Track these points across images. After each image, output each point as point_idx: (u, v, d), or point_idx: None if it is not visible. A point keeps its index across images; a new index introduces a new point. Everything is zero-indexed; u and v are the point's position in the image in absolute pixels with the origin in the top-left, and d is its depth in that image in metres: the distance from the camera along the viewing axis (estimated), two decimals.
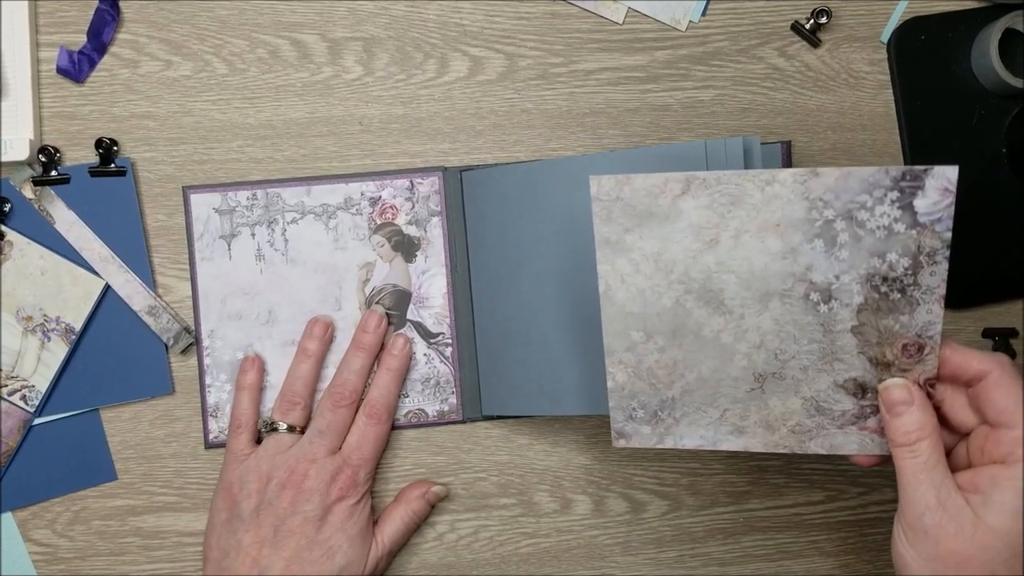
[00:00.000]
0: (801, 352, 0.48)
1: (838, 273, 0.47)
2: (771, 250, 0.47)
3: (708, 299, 0.48)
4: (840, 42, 0.65)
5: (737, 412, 0.50)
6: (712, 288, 0.48)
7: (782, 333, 0.48)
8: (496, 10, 0.64)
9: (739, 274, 0.47)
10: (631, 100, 0.65)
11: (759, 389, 0.49)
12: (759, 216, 0.46)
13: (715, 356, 0.49)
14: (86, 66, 0.62)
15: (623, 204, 0.48)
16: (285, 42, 0.63)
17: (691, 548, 0.65)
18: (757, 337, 0.48)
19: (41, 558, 0.62)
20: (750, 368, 0.49)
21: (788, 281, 0.47)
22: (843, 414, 0.49)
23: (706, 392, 0.50)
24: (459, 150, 0.64)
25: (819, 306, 0.47)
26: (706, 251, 0.47)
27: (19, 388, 0.61)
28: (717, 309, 0.48)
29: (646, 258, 0.48)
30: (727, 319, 0.48)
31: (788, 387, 0.49)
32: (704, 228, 0.47)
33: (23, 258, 0.61)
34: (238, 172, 0.63)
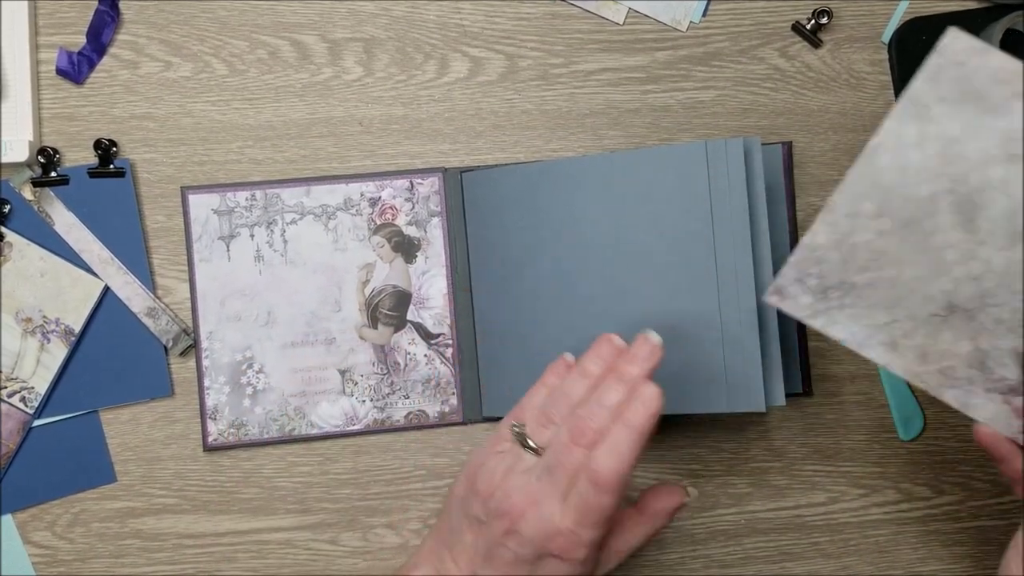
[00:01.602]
0: (1009, 305, 0.46)
1: None
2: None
3: (964, 210, 0.45)
4: (841, 42, 0.65)
5: (904, 328, 0.47)
6: (976, 202, 0.44)
7: (1007, 277, 0.45)
8: (496, 11, 0.64)
9: (1013, 201, 0.44)
10: (631, 101, 0.64)
11: (943, 318, 0.47)
12: None
13: (927, 266, 0.46)
14: (85, 67, 0.62)
15: (961, 73, 0.43)
16: (285, 43, 0.63)
17: (692, 550, 0.64)
18: (980, 269, 0.45)
19: (41, 560, 0.61)
20: (949, 294, 0.46)
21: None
22: (1000, 380, 0.47)
23: (891, 295, 0.47)
24: (459, 151, 0.64)
25: None
26: (1001, 163, 0.43)
27: (18, 390, 0.60)
28: (965, 224, 0.45)
29: (939, 137, 0.44)
30: (966, 238, 0.45)
31: (972, 330, 0.46)
32: (1017, 139, 0.43)
33: (23, 260, 0.60)
34: (238, 173, 0.62)
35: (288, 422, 0.62)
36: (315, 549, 0.62)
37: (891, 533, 0.65)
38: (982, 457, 0.66)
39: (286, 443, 0.62)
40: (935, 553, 0.66)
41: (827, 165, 0.65)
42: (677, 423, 0.65)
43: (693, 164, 0.56)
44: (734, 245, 0.55)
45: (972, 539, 0.66)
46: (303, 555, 0.62)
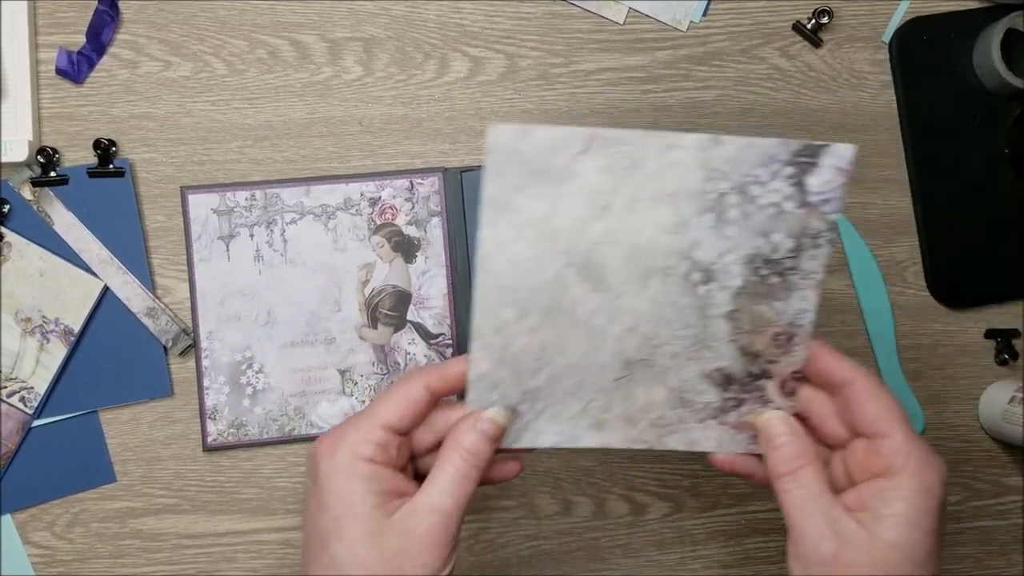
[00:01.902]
0: (674, 337, 0.46)
1: (722, 252, 0.44)
2: (661, 222, 0.44)
3: (589, 274, 0.45)
4: (842, 42, 0.65)
5: (600, 404, 0.48)
6: (595, 261, 0.45)
7: (657, 316, 0.46)
8: (496, 10, 0.64)
9: (625, 247, 0.45)
10: (632, 100, 0.64)
11: (627, 378, 0.47)
12: (655, 183, 0.43)
13: (586, 339, 0.46)
14: (85, 67, 0.62)
15: (520, 159, 0.43)
16: (285, 42, 0.63)
17: (693, 550, 0.64)
18: (632, 320, 0.46)
19: (40, 560, 0.61)
20: (620, 354, 0.46)
21: (672, 258, 0.45)
22: (705, 407, 0.48)
23: (572, 381, 0.47)
24: (459, 151, 0.64)
25: (698, 287, 0.45)
26: (596, 219, 0.44)
27: (18, 390, 0.60)
28: (597, 286, 0.45)
29: (531, 223, 0.44)
30: (605, 298, 0.45)
31: (656, 376, 0.47)
32: (598, 193, 0.44)
33: (22, 259, 0.60)
34: (237, 173, 0.62)
35: (288, 422, 0.62)
36: None
37: None
38: (983, 457, 0.66)
39: (286, 443, 0.62)
40: None
41: None
42: None
43: None
44: None
45: (972, 539, 0.66)
46: None
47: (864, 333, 0.65)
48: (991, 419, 0.65)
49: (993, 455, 0.66)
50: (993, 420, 0.64)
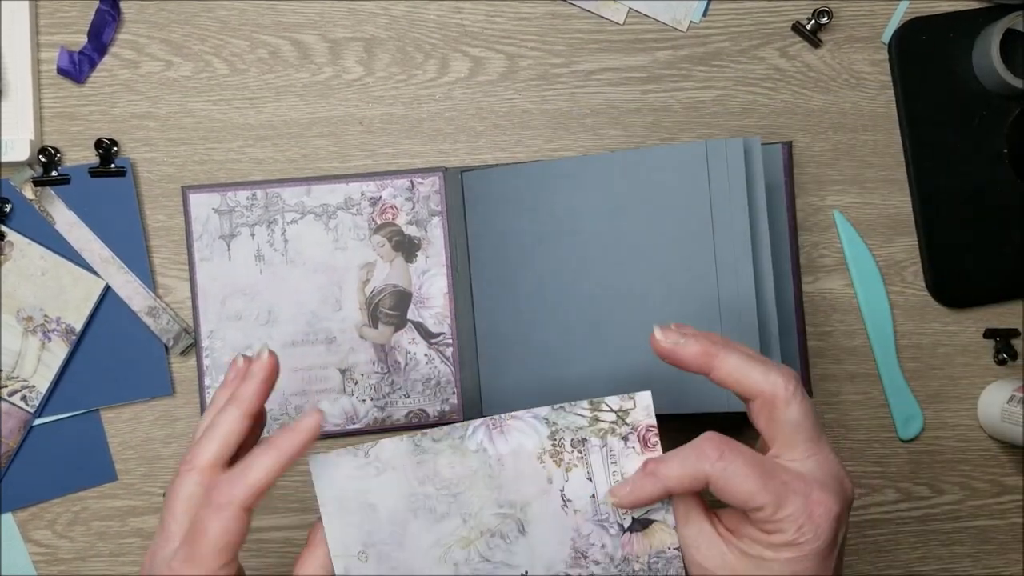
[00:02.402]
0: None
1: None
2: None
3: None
4: (841, 42, 0.65)
5: None
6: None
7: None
8: (497, 10, 0.64)
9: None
10: (632, 100, 0.64)
11: None
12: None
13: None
14: (86, 66, 0.62)
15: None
16: (286, 42, 0.63)
17: None
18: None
19: (41, 559, 0.61)
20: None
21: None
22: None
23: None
24: (460, 150, 0.64)
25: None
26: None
27: (19, 389, 0.61)
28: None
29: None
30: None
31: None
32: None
33: (24, 259, 0.60)
34: (238, 172, 0.63)
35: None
36: None
37: (890, 533, 0.65)
38: (981, 457, 0.66)
39: None
40: (934, 552, 0.66)
41: (827, 165, 0.65)
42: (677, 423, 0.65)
43: (693, 164, 0.56)
44: (734, 245, 0.55)
45: (971, 539, 0.66)
46: None
47: (863, 333, 0.65)
48: (990, 419, 0.65)
49: (992, 455, 0.66)
50: (992, 420, 0.64)
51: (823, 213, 0.65)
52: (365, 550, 0.44)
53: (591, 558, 0.44)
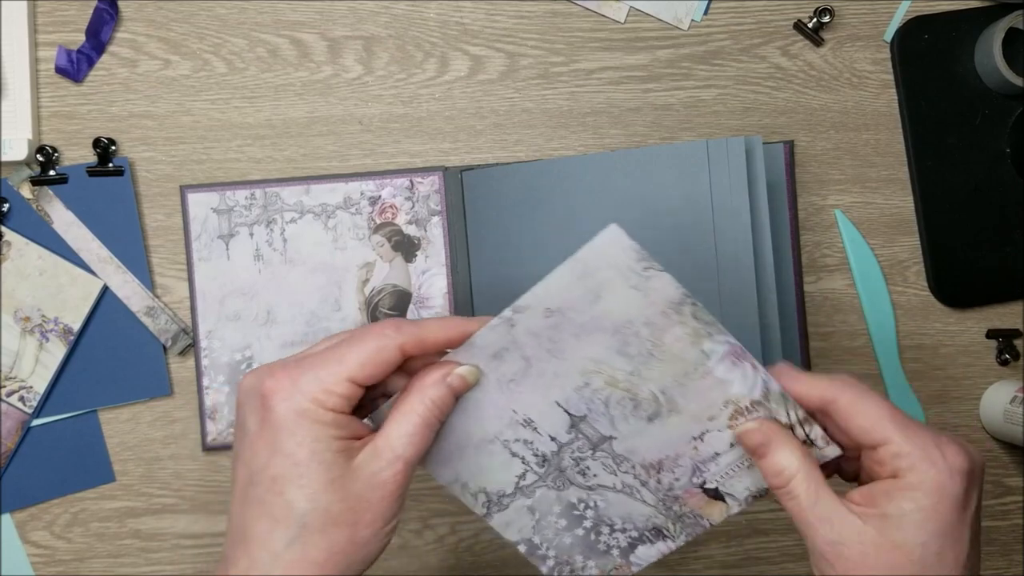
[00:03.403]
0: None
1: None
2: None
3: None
4: (843, 41, 0.65)
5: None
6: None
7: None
8: (497, 9, 0.64)
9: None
10: (633, 99, 0.64)
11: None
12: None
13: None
14: (85, 65, 0.62)
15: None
16: (285, 41, 0.63)
17: (693, 551, 0.64)
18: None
19: (40, 560, 0.61)
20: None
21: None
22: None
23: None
24: (459, 150, 0.64)
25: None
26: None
27: (17, 389, 0.60)
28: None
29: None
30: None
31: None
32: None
33: (21, 258, 0.60)
34: (237, 172, 0.62)
35: None
36: None
37: None
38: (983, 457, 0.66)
39: None
40: None
41: (829, 164, 0.65)
42: None
43: (694, 163, 0.55)
44: (735, 245, 0.55)
45: None
46: None
47: (865, 333, 0.65)
48: (992, 419, 0.64)
49: (994, 455, 0.66)
50: (994, 420, 0.64)
51: (825, 213, 0.65)
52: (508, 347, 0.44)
53: (663, 478, 0.46)
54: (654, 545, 0.49)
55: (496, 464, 0.46)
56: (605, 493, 0.47)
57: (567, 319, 0.43)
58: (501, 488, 0.47)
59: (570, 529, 0.48)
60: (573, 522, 0.48)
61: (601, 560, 0.49)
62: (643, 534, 0.48)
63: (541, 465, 0.46)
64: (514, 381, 0.44)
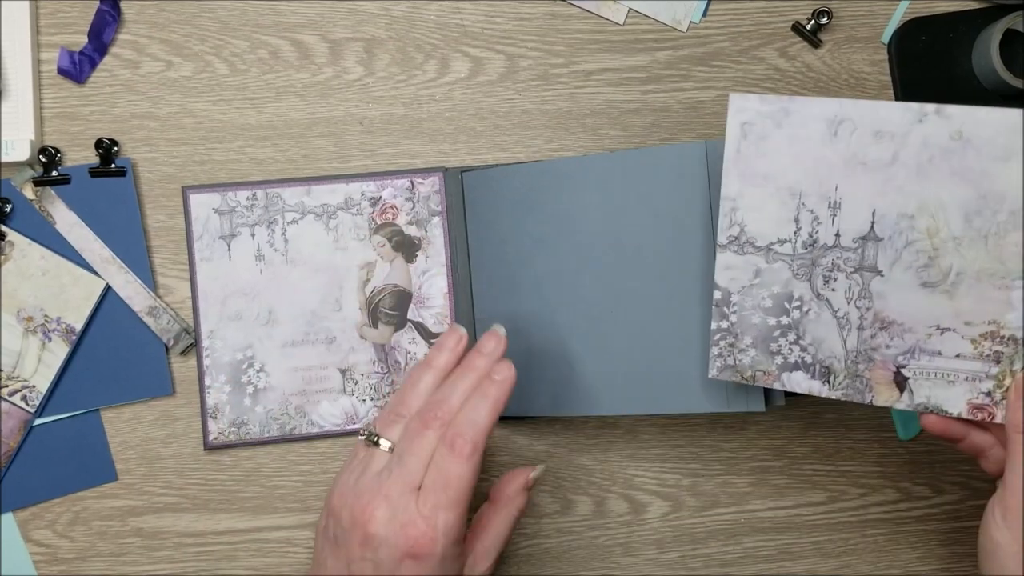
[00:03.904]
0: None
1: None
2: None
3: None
4: (841, 43, 0.65)
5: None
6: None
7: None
8: (497, 11, 0.64)
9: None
10: (632, 101, 0.65)
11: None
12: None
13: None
14: (87, 66, 0.62)
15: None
16: (286, 43, 0.63)
17: (692, 549, 0.64)
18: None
19: (42, 559, 0.61)
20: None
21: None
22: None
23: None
24: (460, 151, 0.64)
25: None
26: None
27: (20, 388, 0.61)
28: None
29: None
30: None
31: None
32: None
33: (24, 259, 0.61)
34: (239, 172, 0.63)
35: (289, 421, 0.62)
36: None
37: (890, 532, 0.65)
38: None
39: (287, 442, 0.62)
40: (934, 552, 0.66)
41: None
42: (677, 423, 0.65)
43: (693, 164, 0.56)
44: None
45: (972, 538, 0.66)
46: (303, 554, 0.62)
47: None
48: None
49: None
50: None
51: None
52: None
53: (878, 338, 0.47)
54: (812, 380, 0.49)
55: (776, 216, 0.47)
56: (823, 311, 0.48)
57: (966, 152, 0.43)
58: (758, 234, 0.48)
59: (767, 314, 0.49)
60: (776, 310, 0.49)
61: (761, 357, 0.50)
62: (815, 363, 0.49)
63: (806, 247, 0.47)
64: (865, 166, 0.45)
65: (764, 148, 0.47)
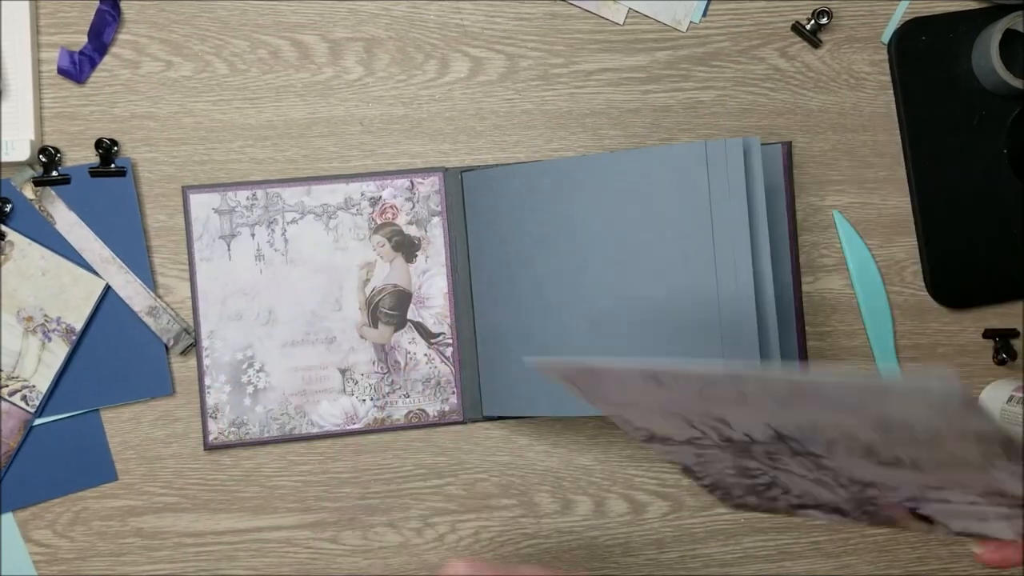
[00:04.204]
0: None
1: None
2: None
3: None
4: (841, 43, 0.65)
5: None
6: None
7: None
8: (497, 11, 0.64)
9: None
10: (632, 101, 0.65)
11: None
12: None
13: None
14: (87, 66, 0.62)
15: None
16: (286, 43, 0.63)
17: (692, 549, 0.64)
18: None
19: (42, 558, 0.61)
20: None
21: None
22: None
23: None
24: (459, 151, 0.64)
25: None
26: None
27: (20, 388, 0.61)
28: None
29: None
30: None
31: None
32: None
33: (24, 259, 0.61)
34: (239, 172, 0.63)
35: (288, 421, 0.62)
36: (315, 548, 0.63)
37: (890, 532, 0.65)
38: None
39: (286, 442, 0.62)
40: (934, 552, 0.66)
41: (827, 165, 0.65)
42: None
43: (693, 164, 0.56)
44: (733, 245, 0.55)
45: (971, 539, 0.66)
46: (303, 554, 0.62)
47: (863, 333, 0.65)
48: None
49: None
50: None
51: (823, 213, 0.65)
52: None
53: (868, 491, 0.39)
54: (827, 514, 0.42)
55: (672, 425, 0.39)
56: (792, 476, 0.40)
57: (818, 405, 0.34)
58: (669, 435, 0.41)
59: (738, 478, 0.41)
60: (743, 475, 0.41)
61: (764, 502, 0.43)
62: (819, 505, 0.41)
63: (723, 441, 0.39)
64: (720, 402, 0.36)
65: (602, 390, 0.40)
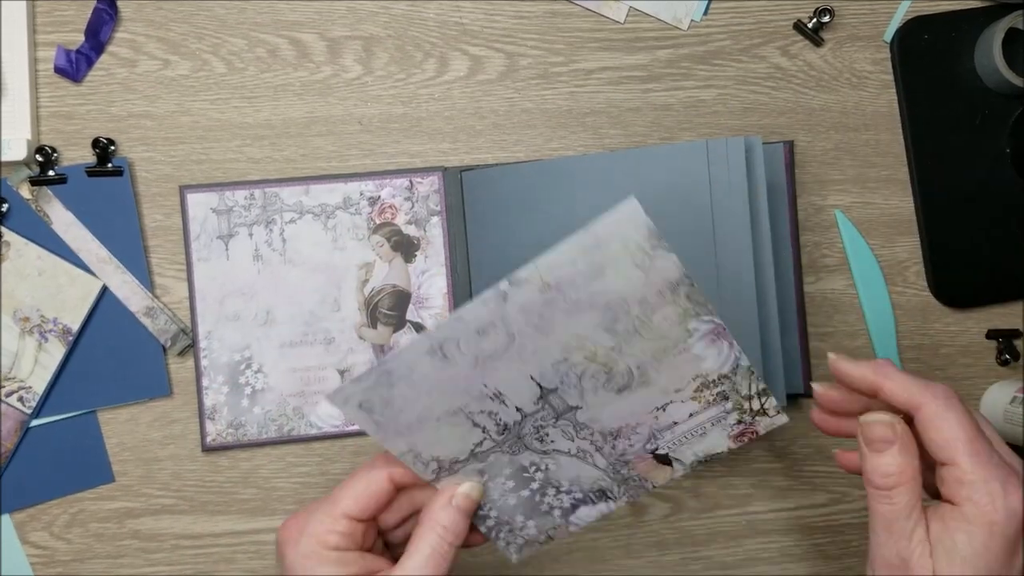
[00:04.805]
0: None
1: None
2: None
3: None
4: (843, 41, 0.65)
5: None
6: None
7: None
8: (496, 9, 0.64)
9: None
10: (632, 99, 0.64)
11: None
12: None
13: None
14: (84, 65, 0.62)
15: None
16: (284, 41, 0.63)
17: (693, 551, 0.64)
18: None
19: (39, 560, 0.61)
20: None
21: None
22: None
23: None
24: (459, 150, 0.64)
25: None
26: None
27: (16, 389, 0.60)
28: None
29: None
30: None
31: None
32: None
33: (20, 259, 0.60)
34: (236, 172, 0.62)
35: (287, 422, 0.61)
36: None
37: None
38: None
39: (284, 443, 0.62)
40: None
41: (829, 164, 0.65)
42: None
43: (694, 163, 0.55)
44: (735, 245, 0.55)
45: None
46: None
47: (865, 333, 0.65)
48: (992, 420, 0.64)
49: None
50: (994, 421, 0.64)
51: (825, 213, 0.65)
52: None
53: (618, 444, 0.48)
54: (595, 506, 0.51)
55: (456, 434, 0.47)
56: (558, 457, 0.49)
57: (563, 295, 0.44)
58: (455, 456, 0.48)
59: (517, 490, 0.49)
60: (521, 484, 0.49)
61: (542, 520, 0.51)
62: (587, 495, 0.50)
63: (500, 433, 0.47)
64: (493, 357, 0.45)
65: (395, 408, 0.45)
